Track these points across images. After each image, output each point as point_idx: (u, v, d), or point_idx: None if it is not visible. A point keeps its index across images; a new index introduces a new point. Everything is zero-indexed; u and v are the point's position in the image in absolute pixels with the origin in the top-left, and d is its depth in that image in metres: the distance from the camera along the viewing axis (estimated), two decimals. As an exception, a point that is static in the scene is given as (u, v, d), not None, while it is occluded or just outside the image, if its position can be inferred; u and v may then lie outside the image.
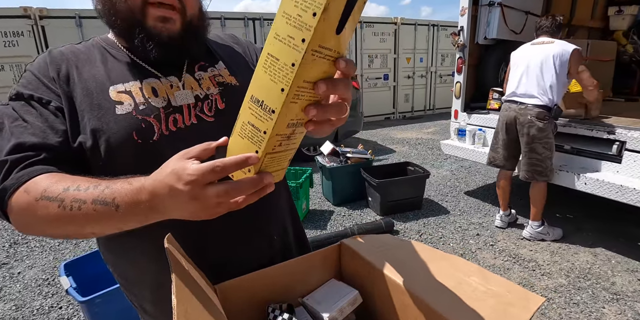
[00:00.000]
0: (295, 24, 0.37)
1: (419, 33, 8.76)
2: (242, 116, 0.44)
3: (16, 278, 2.53)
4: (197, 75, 0.75)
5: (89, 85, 0.68)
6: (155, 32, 0.67)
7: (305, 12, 0.36)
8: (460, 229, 3.08)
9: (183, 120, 0.70)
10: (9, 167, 0.59)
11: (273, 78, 0.40)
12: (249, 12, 6.93)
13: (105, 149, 0.65)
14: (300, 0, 0.36)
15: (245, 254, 0.78)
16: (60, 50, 0.72)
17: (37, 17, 5.35)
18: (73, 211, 0.52)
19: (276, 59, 0.40)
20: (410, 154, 5.59)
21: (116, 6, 0.66)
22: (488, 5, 3.56)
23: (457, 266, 0.69)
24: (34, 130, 0.63)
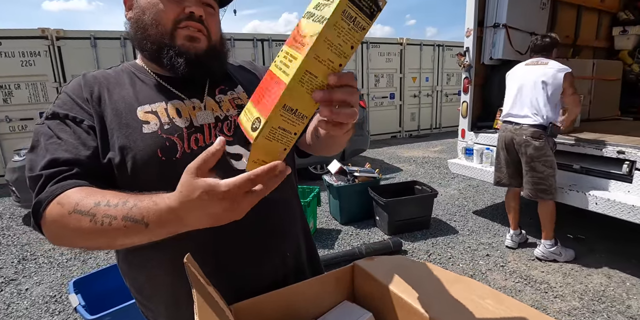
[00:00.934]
0: (337, 51, 0.46)
1: (424, 53, 8.89)
2: (272, 122, 0.47)
3: (24, 295, 2.53)
4: (217, 98, 0.80)
5: (118, 106, 0.73)
6: (184, 50, 0.73)
7: (346, 44, 0.46)
8: (469, 249, 3.04)
9: (204, 139, 0.74)
10: (44, 181, 0.63)
11: (309, 92, 0.47)
12: (257, 33, 7.10)
13: (132, 165, 0.69)
14: (342, 34, 0.45)
15: (260, 270, 0.79)
16: (93, 74, 0.79)
17: (54, 38, 5.53)
18: (104, 226, 0.55)
19: (315, 76, 0.46)
20: (417, 172, 5.58)
21: (148, 31, 0.73)
22: (493, 27, 3.63)
23: (471, 288, 0.69)
24: (68, 146, 0.67)
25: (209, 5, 0.76)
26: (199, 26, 0.73)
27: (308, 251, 0.93)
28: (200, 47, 0.74)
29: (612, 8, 4.81)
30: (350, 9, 0.44)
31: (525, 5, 3.69)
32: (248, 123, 0.50)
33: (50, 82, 5.59)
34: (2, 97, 5.38)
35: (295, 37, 0.49)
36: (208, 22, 0.75)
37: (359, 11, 0.45)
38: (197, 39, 0.74)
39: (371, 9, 0.45)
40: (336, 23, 0.44)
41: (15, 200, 3.83)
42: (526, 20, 3.74)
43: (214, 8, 0.77)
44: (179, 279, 0.72)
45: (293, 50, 0.47)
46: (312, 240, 0.98)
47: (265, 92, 0.50)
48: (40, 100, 5.56)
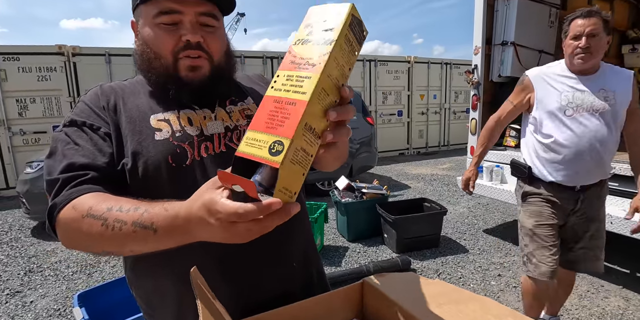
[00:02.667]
0: (341, 71, 0.50)
1: (432, 71, 8.97)
2: (296, 142, 0.46)
3: (28, 307, 2.51)
4: (228, 108, 0.81)
5: (132, 114, 0.75)
6: (187, 81, 0.74)
7: (346, 66, 0.51)
8: (480, 269, 2.97)
9: (213, 148, 0.76)
10: (60, 185, 0.65)
11: (323, 109, 0.49)
12: (267, 51, 7.26)
13: (143, 170, 0.70)
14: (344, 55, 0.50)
15: (266, 281, 0.78)
16: (110, 85, 0.82)
17: (70, 54, 5.71)
18: (114, 231, 0.56)
19: (327, 94, 0.49)
20: (426, 190, 5.53)
21: (152, 64, 0.75)
22: (501, 45, 3.65)
23: (488, 308, 0.67)
24: (84, 152, 0.69)
25: (207, 25, 0.74)
26: (197, 53, 0.73)
27: (315, 264, 0.92)
28: (202, 73, 0.75)
29: (620, 26, 4.82)
30: (350, 35, 0.50)
31: (533, 24, 3.72)
32: (261, 150, 0.46)
33: (65, 96, 5.73)
34: (17, 110, 5.51)
35: (293, 61, 0.51)
36: (208, 44, 0.74)
37: (353, 37, 0.51)
38: (199, 67, 0.74)
39: (360, 35, 0.52)
40: (341, 45, 0.49)
41: (25, 212, 3.85)
42: (534, 38, 3.76)
43: (213, 24, 0.75)
44: (186, 289, 0.71)
45: (300, 71, 0.49)
46: (318, 254, 0.96)
47: (275, 116, 0.48)
48: (54, 115, 5.69)
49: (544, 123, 1.73)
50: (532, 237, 1.81)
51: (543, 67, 1.81)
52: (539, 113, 1.74)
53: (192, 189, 0.69)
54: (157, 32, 0.72)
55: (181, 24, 0.72)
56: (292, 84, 0.49)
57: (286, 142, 0.45)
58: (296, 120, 0.45)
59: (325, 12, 0.52)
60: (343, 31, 0.48)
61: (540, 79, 1.77)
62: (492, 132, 1.93)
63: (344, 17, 0.49)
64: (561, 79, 1.73)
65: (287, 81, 0.49)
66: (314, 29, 0.51)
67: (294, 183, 0.47)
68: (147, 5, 0.73)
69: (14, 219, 4.48)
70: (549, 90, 1.73)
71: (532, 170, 1.81)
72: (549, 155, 1.74)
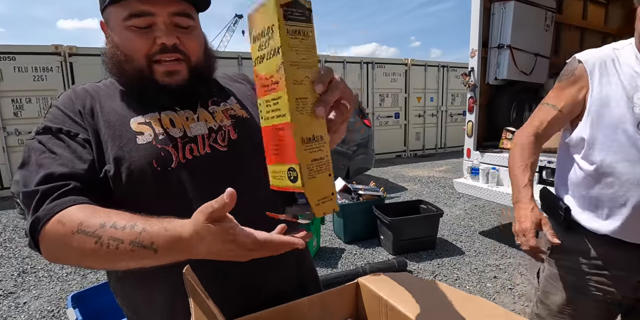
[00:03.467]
0: (306, 65, 0.47)
1: (429, 73, 9.00)
2: (304, 161, 0.47)
3: (21, 308, 2.48)
4: (210, 109, 0.79)
5: (110, 118, 0.72)
6: (164, 84, 0.71)
7: (308, 55, 0.48)
8: (476, 270, 2.97)
9: (198, 150, 0.73)
10: (40, 197, 0.61)
11: (310, 114, 0.48)
12: (265, 52, 7.25)
13: (127, 176, 0.67)
14: (300, 50, 0.47)
15: (258, 280, 0.77)
16: (83, 87, 0.78)
17: (66, 54, 5.69)
18: (110, 249, 0.54)
19: (305, 98, 0.47)
20: (422, 192, 5.54)
21: (124, 67, 0.71)
22: (497, 48, 3.67)
23: (483, 309, 0.66)
24: (63, 160, 0.65)
25: (182, 26, 0.71)
26: (174, 56, 0.70)
27: (307, 264, 0.92)
28: (181, 77, 0.72)
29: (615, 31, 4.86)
30: (291, 26, 0.46)
31: (529, 27, 3.74)
32: (283, 181, 0.50)
33: (61, 96, 5.71)
34: (13, 110, 5.48)
35: (263, 84, 0.50)
36: (185, 45, 0.71)
37: (297, 23, 0.47)
38: (177, 72, 0.71)
39: (305, 15, 0.48)
40: (289, 44, 0.46)
41: (20, 213, 3.81)
42: (530, 42, 3.79)
43: (189, 24, 0.72)
44: (175, 296, 0.70)
45: (271, 94, 0.49)
46: (310, 254, 0.96)
47: (276, 145, 0.50)
48: (49, 115, 5.65)
49: (598, 142, 1.04)
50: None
51: (605, 49, 1.10)
52: (591, 126, 1.05)
53: (178, 192, 0.69)
54: (129, 35, 0.69)
55: (155, 26, 0.68)
56: (272, 108, 0.49)
57: (296, 167, 0.46)
58: (292, 144, 0.46)
59: (259, 15, 0.48)
60: (282, 30, 0.45)
61: (601, 68, 1.06)
62: (531, 150, 1.16)
63: (275, 16, 0.45)
64: (631, 70, 1.02)
65: (267, 107, 0.50)
66: (262, 41, 0.49)
67: (325, 189, 0.49)
68: (116, 6, 0.68)
69: (8, 220, 4.44)
70: (614, 88, 1.02)
71: (572, 214, 1.12)
72: (606, 194, 1.04)
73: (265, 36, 0.48)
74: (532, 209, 1.06)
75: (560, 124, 1.16)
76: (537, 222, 1.04)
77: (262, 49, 0.49)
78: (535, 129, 1.18)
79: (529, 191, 1.10)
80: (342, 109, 0.53)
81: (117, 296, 0.81)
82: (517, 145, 1.21)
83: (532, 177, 1.14)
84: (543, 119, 1.17)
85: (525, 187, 1.11)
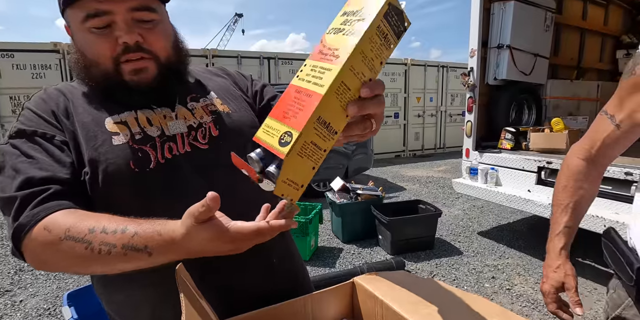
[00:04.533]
0: (369, 65, 0.47)
1: (428, 74, 9.00)
2: (305, 135, 0.45)
3: (17, 306, 2.47)
4: (189, 105, 0.76)
5: (84, 118, 0.69)
6: (133, 84, 0.68)
7: (377, 59, 0.48)
8: (474, 271, 2.97)
9: (177, 149, 0.71)
10: (20, 203, 0.59)
11: (342, 105, 0.47)
12: (264, 52, 7.25)
13: (103, 178, 0.65)
14: (375, 48, 0.47)
15: (247, 277, 0.76)
16: (56, 87, 0.75)
17: (65, 52, 5.67)
18: (102, 254, 0.53)
19: (348, 88, 0.46)
20: (421, 192, 5.53)
21: (90, 71, 0.68)
22: (497, 48, 3.67)
23: (478, 306, 0.66)
24: (41, 164, 0.62)
25: (144, 20, 0.67)
26: (139, 55, 0.66)
27: (297, 263, 0.90)
28: (149, 75, 0.68)
29: (615, 31, 4.86)
30: (384, 26, 0.46)
31: (529, 27, 3.74)
32: (273, 138, 0.47)
33: (60, 95, 5.70)
34: (11, 107, 5.48)
35: (321, 50, 0.49)
36: (149, 42, 0.67)
37: (389, 28, 0.47)
38: (144, 69, 0.67)
39: (399, 28, 0.48)
40: (371, 37, 0.46)
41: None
42: (530, 42, 3.78)
43: (152, 18, 0.67)
44: (160, 296, 0.69)
45: (324, 62, 0.47)
46: (298, 254, 0.94)
47: (292, 106, 0.48)
48: (48, 113, 5.65)
49: None
50: None
51: None
52: None
53: (158, 193, 0.68)
54: (90, 37, 0.65)
55: (114, 24, 0.64)
56: (314, 75, 0.47)
57: (295, 134, 0.45)
58: (309, 112, 0.44)
59: (362, 1, 0.48)
60: (375, 22, 0.45)
61: None
62: (578, 182, 0.89)
63: (379, 6, 0.45)
64: None
65: (311, 71, 0.48)
66: (349, 18, 0.48)
67: (301, 175, 0.47)
68: (73, 8, 0.64)
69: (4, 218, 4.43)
70: None
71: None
72: None
73: (356, 16, 0.47)
74: (558, 268, 0.85)
75: (622, 144, 0.84)
76: (558, 286, 0.85)
77: (345, 24, 0.48)
78: (588, 150, 0.88)
79: (562, 241, 0.87)
80: (366, 125, 0.52)
81: (103, 300, 0.80)
82: (564, 168, 0.92)
83: (575, 222, 0.88)
84: (595, 137, 0.87)
85: (559, 236, 0.87)
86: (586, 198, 0.89)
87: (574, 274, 0.84)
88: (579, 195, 0.88)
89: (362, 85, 0.47)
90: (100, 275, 0.77)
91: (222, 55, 6.83)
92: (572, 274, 0.84)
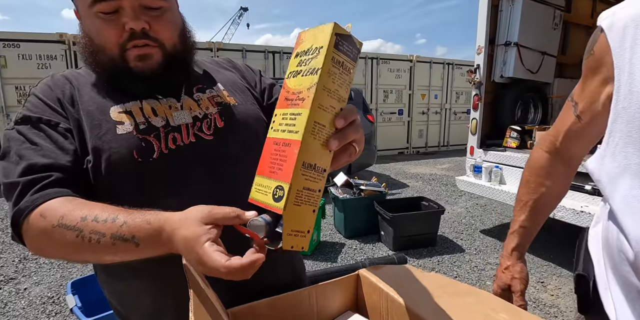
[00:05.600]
0: (335, 97, 0.48)
1: (434, 71, 8.95)
2: (296, 184, 0.46)
3: (22, 294, 2.50)
4: (195, 96, 0.76)
5: (89, 106, 0.69)
6: (138, 70, 0.68)
7: (341, 88, 0.48)
8: (476, 268, 2.97)
9: (182, 139, 0.71)
10: (22, 189, 0.59)
11: (322, 142, 0.47)
12: (269, 46, 7.21)
13: (106, 167, 0.65)
14: (336, 79, 0.47)
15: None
16: (63, 74, 0.75)
17: (71, 42, 5.68)
18: (92, 243, 0.53)
19: (323, 126, 0.47)
20: (424, 189, 5.53)
21: (97, 57, 0.68)
22: (504, 45, 3.64)
23: (484, 301, 0.66)
24: (45, 151, 0.63)
25: (152, 7, 0.66)
26: (144, 42, 0.66)
27: (294, 254, 0.91)
28: (154, 62, 0.68)
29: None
30: (337, 55, 0.47)
31: (537, 25, 3.71)
32: (266, 196, 0.48)
33: (65, 85, 5.71)
34: (17, 97, 5.49)
35: (286, 97, 0.49)
36: (156, 30, 0.67)
37: (344, 56, 0.48)
38: (149, 56, 0.67)
39: (353, 52, 0.49)
40: (329, 70, 0.46)
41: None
42: (538, 40, 3.75)
43: (160, 5, 0.67)
44: (161, 286, 0.70)
45: (292, 108, 0.48)
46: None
47: (275, 159, 0.48)
48: (53, 103, 5.67)
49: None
50: None
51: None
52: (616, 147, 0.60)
53: (160, 183, 0.68)
54: (97, 22, 0.65)
55: (122, 10, 0.64)
56: (287, 122, 0.48)
57: (286, 187, 0.45)
58: (292, 162, 0.45)
59: (311, 36, 0.49)
60: (328, 55, 0.46)
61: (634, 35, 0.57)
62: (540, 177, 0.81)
63: (327, 40, 0.46)
64: None
65: (283, 120, 0.49)
66: (303, 58, 0.49)
67: (303, 223, 0.47)
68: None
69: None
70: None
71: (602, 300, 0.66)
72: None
73: (308, 55, 0.48)
74: (507, 269, 0.81)
75: (585, 138, 0.74)
76: (504, 288, 0.81)
77: (301, 65, 0.49)
78: (553, 142, 0.80)
79: (515, 241, 0.82)
80: (350, 151, 0.53)
81: (105, 289, 0.80)
82: (529, 159, 0.85)
83: (533, 222, 0.82)
84: (559, 127, 0.78)
85: (513, 235, 0.83)
86: (548, 197, 0.81)
87: (522, 277, 0.79)
88: (539, 193, 0.81)
89: (334, 117, 0.47)
90: (102, 265, 0.77)
91: (227, 49, 6.82)
92: (520, 277, 0.79)
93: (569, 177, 0.82)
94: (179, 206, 0.53)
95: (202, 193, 0.69)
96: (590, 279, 0.68)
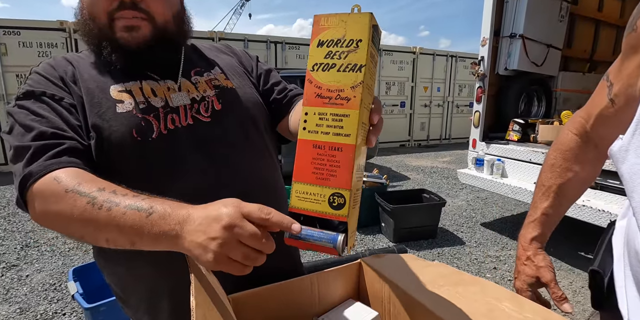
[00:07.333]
0: (370, 92, 0.47)
1: (437, 63, 8.88)
2: (354, 189, 0.45)
3: (24, 281, 2.52)
4: (193, 79, 0.76)
5: (89, 85, 0.69)
6: (122, 42, 0.67)
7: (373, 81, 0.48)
8: (476, 261, 2.98)
9: (180, 121, 0.71)
10: (33, 153, 0.58)
11: (364, 140, 0.47)
12: (271, 36, 7.16)
13: (106, 145, 0.65)
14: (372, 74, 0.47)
15: None
16: (63, 56, 0.75)
17: (71, 30, 5.63)
18: (101, 210, 0.51)
19: (364, 124, 0.46)
20: (425, 182, 5.52)
21: (88, 26, 0.69)
22: (509, 37, 3.60)
23: (487, 290, 0.65)
24: (51, 123, 0.62)
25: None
26: (132, 13, 0.66)
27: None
28: (141, 35, 0.67)
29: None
30: (372, 49, 0.45)
31: (543, 17, 3.66)
32: (320, 205, 0.45)
33: (66, 74, 5.70)
34: (17, 85, 5.46)
35: (319, 93, 0.45)
36: (148, 3, 0.67)
37: (375, 48, 0.46)
38: (136, 28, 0.67)
39: (378, 42, 0.48)
40: (370, 68, 0.45)
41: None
42: (543, 32, 3.70)
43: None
44: (159, 270, 0.70)
45: (334, 108, 0.44)
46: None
47: (321, 165, 0.45)
48: (54, 92, 5.66)
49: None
50: None
51: None
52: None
53: (158, 163, 0.68)
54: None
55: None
56: (330, 124, 0.44)
57: (346, 194, 0.43)
58: (349, 168, 0.43)
59: (340, 24, 0.45)
60: (368, 51, 0.43)
61: None
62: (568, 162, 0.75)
63: (366, 33, 0.43)
64: None
65: (322, 121, 0.45)
66: (334, 50, 0.45)
67: (355, 221, 0.47)
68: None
69: (12, 194, 4.47)
70: None
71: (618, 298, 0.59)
72: None
73: (342, 46, 0.44)
74: (528, 259, 0.73)
75: (617, 122, 0.64)
76: (531, 282, 0.72)
77: (333, 58, 0.45)
78: (583, 125, 0.73)
79: (536, 230, 0.75)
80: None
81: (104, 272, 0.80)
82: (556, 141, 0.78)
83: (556, 209, 0.75)
84: (591, 110, 0.71)
85: (534, 223, 0.75)
86: (575, 183, 0.74)
87: (547, 264, 0.70)
88: (565, 178, 0.74)
89: (370, 113, 0.47)
90: (100, 250, 0.76)
91: (229, 38, 6.75)
92: (546, 265, 0.70)
93: (600, 162, 0.75)
94: (175, 186, 0.52)
95: (200, 174, 0.69)
96: (606, 275, 0.64)
